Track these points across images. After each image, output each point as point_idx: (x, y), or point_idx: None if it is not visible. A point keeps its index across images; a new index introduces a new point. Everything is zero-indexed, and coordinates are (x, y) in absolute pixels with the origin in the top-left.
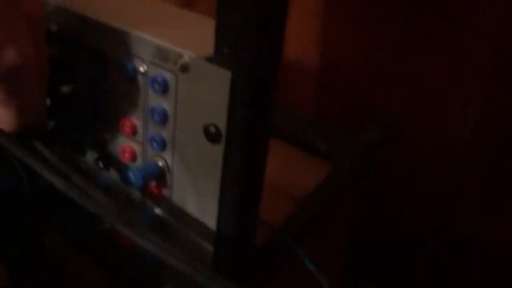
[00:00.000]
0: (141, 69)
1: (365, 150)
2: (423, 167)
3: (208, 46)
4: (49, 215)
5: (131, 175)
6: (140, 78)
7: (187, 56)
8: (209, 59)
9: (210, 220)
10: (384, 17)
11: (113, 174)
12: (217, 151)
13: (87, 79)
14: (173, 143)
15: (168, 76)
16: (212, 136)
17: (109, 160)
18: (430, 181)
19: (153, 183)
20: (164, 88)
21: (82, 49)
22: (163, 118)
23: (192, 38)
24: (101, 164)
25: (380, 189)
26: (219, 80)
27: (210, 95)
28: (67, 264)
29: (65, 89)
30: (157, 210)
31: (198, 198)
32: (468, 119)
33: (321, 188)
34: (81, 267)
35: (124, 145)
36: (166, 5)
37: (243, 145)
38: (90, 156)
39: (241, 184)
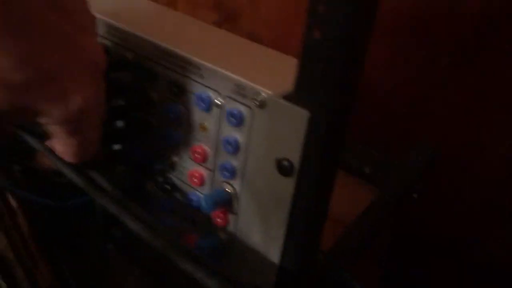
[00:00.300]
0: (217, 101)
1: (410, 176)
2: (461, 195)
3: (284, 82)
4: (111, 229)
5: (202, 201)
6: (215, 109)
7: (265, 93)
8: (287, 98)
9: (274, 249)
10: (428, 47)
11: (177, 196)
12: (288, 184)
13: (161, 106)
14: (243, 172)
15: (244, 110)
16: (284, 169)
17: (176, 183)
18: (467, 210)
19: (219, 209)
20: (239, 122)
21: (157, 78)
22: (236, 149)
23: (268, 74)
24: (167, 187)
25: (417, 215)
26: (297, 119)
27: (285, 131)
28: (118, 274)
29: (137, 114)
30: (221, 234)
31: (263, 227)
32: (506, 149)
33: (368, 213)
34: (133, 280)
35: (193, 170)
36: (237, 37)
37: (315, 179)
38: (156, 178)
39: (309, 216)
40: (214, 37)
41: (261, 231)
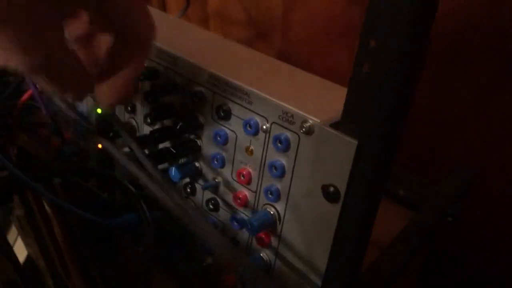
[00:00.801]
0: (264, 127)
1: (446, 200)
2: (496, 220)
3: (331, 110)
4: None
5: (248, 223)
6: (261, 134)
7: (312, 121)
8: (335, 126)
9: (316, 272)
10: (464, 69)
11: (220, 216)
12: (333, 210)
13: (208, 128)
14: (287, 196)
15: (291, 136)
16: (330, 195)
17: (220, 203)
18: (502, 234)
19: (263, 231)
20: (286, 147)
21: (205, 102)
22: (281, 173)
23: (315, 101)
24: (210, 206)
25: (452, 238)
26: (344, 147)
27: (332, 158)
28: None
29: (185, 135)
30: (263, 254)
31: (306, 250)
32: None
33: (403, 237)
34: None
35: (237, 192)
36: (283, 63)
37: (361, 206)
38: (200, 196)
39: (353, 241)
40: (261, 63)
41: (304, 253)
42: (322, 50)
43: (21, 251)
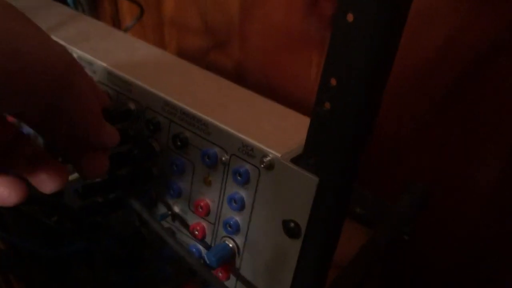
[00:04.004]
0: (223, 159)
1: (402, 218)
2: (450, 234)
3: (292, 143)
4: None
5: (206, 258)
6: (220, 166)
7: (273, 155)
8: (296, 161)
9: None
10: (413, 90)
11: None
12: (294, 245)
13: (164, 157)
14: (247, 230)
15: (251, 169)
16: (291, 231)
17: (177, 233)
18: (457, 249)
19: (222, 264)
20: (245, 180)
21: (161, 129)
22: (240, 206)
23: (276, 133)
24: None
25: (407, 255)
26: (306, 183)
27: (293, 194)
28: None
29: (139, 163)
30: None
31: (266, 284)
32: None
33: (361, 255)
34: None
35: (195, 223)
36: (243, 89)
37: (322, 241)
38: None
39: (314, 275)
40: (219, 89)
41: (263, 287)
42: (279, 62)
43: None
